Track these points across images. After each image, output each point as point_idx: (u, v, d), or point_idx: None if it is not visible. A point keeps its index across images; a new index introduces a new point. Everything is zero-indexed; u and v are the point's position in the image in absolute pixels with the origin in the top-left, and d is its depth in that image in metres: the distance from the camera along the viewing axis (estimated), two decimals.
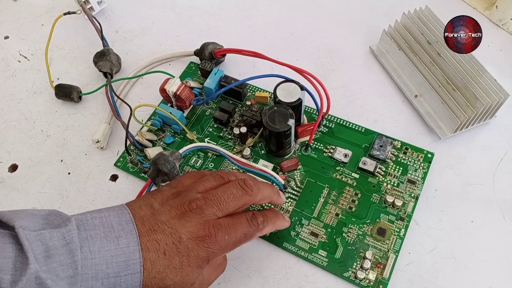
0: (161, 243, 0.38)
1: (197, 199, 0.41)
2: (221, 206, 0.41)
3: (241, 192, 0.43)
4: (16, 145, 0.61)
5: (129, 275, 0.37)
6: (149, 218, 0.39)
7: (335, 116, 0.59)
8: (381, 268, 0.48)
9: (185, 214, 0.40)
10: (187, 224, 0.39)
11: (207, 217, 0.40)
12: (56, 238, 0.35)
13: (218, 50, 0.63)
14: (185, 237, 0.39)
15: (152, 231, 0.39)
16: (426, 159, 0.54)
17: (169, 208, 0.40)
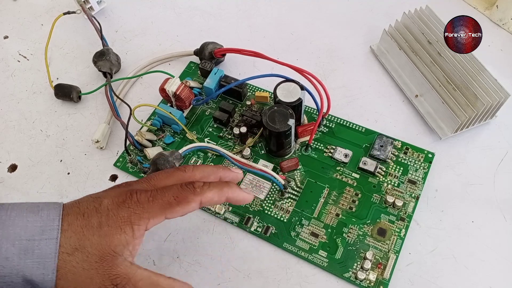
0: (81, 207, 0.37)
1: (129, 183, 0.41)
2: (151, 180, 0.41)
3: (173, 170, 0.42)
4: (16, 145, 0.61)
5: (44, 240, 0.35)
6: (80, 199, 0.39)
7: (335, 116, 0.59)
8: (381, 268, 0.48)
9: (112, 187, 0.40)
10: (111, 192, 0.39)
11: (132, 187, 0.39)
12: None
13: (218, 49, 0.63)
14: (106, 201, 0.38)
15: (77, 202, 0.38)
16: (427, 159, 0.54)
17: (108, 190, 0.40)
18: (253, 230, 0.51)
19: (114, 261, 0.36)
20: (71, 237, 0.36)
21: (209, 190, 0.40)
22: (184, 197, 0.39)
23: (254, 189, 0.54)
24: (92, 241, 0.36)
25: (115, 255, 0.36)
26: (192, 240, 0.52)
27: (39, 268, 0.35)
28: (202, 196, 0.39)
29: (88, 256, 0.36)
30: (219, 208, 0.53)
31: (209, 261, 0.50)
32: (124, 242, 0.37)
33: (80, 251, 0.36)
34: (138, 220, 0.37)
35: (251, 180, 0.54)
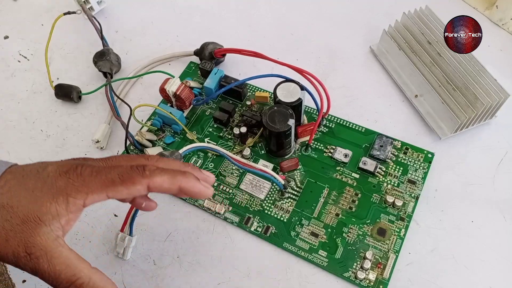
0: (26, 169, 0.36)
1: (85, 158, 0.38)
2: (109, 160, 0.38)
3: (137, 155, 0.40)
4: (16, 145, 0.61)
5: None
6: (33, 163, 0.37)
7: (335, 116, 0.59)
8: (381, 268, 0.48)
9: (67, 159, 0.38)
10: (61, 161, 0.37)
11: (84, 161, 0.37)
12: None
13: (218, 50, 0.63)
14: (50, 168, 0.35)
15: (26, 165, 0.37)
16: (426, 159, 0.54)
17: None
18: (253, 230, 0.52)
19: (37, 229, 0.33)
20: (4, 194, 0.34)
21: (160, 175, 0.37)
22: (130, 177, 0.36)
23: (254, 189, 0.54)
24: (21, 202, 0.34)
25: (40, 223, 0.33)
26: (192, 240, 0.52)
27: None
28: (151, 180, 0.36)
29: (12, 216, 0.33)
30: (219, 208, 0.53)
31: (209, 261, 0.50)
32: (54, 213, 0.34)
33: (6, 209, 0.34)
34: (75, 193, 0.34)
35: (251, 180, 0.54)
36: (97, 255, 0.51)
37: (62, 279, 0.33)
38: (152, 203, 0.42)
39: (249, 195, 0.54)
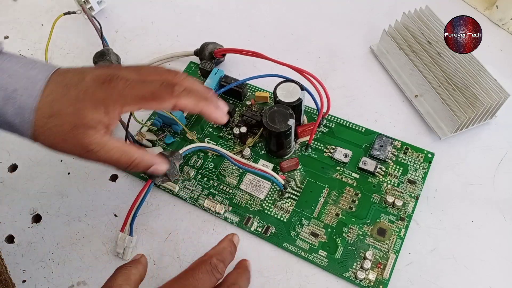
0: (67, 78, 0.40)
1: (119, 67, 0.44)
2: (140, 72, 0.42)
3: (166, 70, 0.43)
4: (16, 145, 0.61)
5: (25, 96, 0.39)
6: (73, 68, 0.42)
7: (335, 116, 0.59)
8: (381, 268, 0.48)
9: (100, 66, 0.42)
10: (96, 70, 0.41)
11: (118, 72, 0.41)
12: None
13: (218, 50, 0.63)
14: (88, 77, 0.40)
15: (67, 71, 0.41)
16: (426, 159, 0.54)
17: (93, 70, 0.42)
18: (253, 230, 0.52)
19: (87, 132, 0.39)
20: (51, 102, 0.39)
21: (186, 97, 0.41)
22: (160, 96, 0.40)
23: (254, 189, 0.54)
24: (67, 111, 0.39)
25: (87, 127, 0.39)
26: (192, 240, 0.52)
27: (18, 117, 0.39)
28: (178, 100, 0.41)
29: (63, 123, 0.39)
30: (219, 208, 0.53)
31: None
32: (97, 119, 0.39)
33: (56, 117, 0.39)
34: (113, 104, 0.39)
35: (251, 180, 0.54)
36: (97, 255, 0.52)
37: (122, 163, 0.42)
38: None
39: (249, 195, 0.54)
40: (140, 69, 0.42)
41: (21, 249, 0.53)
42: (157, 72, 0.42)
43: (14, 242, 0.53)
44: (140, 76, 0.41)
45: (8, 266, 0.52)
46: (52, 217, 0.55)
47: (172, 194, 0.55)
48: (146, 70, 0.42)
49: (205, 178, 0.56)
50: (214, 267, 0.42)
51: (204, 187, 0.55)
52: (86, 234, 0.53)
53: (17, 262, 0.52)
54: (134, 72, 0.41)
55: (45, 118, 0.39)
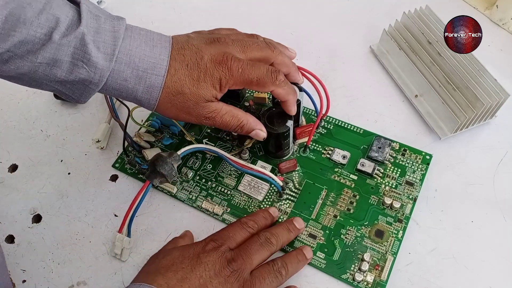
0: (186, 57, 0.46)
1: (227, 37, 0.48)
2: (245, 48, 0.48)
3: (264, 45, 0.50)
4: (16, 145, 0.61)
5: (154, 75, 0.44)
6: (184, 41, 0.47)
7: (333, 118, 0.59)
8: (379, 270, 0.48)
9: (212, 42, 0.47)
10: (211, 49, 0.46)
11: (229, 50, 0.47)
12: (109, 24, 0.43)
13: None
14: (206, 57, 0.46)
15: (182, 48, 0.46)
16: (425, 160, 0.54)
17: (201, 38, 0.48)
18: None
19: (206, 104, 0.47)
20: (176, 82, 0.45)
21: (283, 88, 0.48)
22: (264, 82, 0.47)
23: (253, 190, 0.54)
24: (192, 90, 0.45)
25: (206, 101, 0.46)
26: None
27: (147, 94, 0.45)
28: (276, 89, 0.48)
29: (187, 99, 0.46)
30: (217, 209, 0.53)
31: None
32: (214, 94, 0.46)
33: (182, 94, 0.45)
34: (225, 82, 0.46)
35: (249, 181, 0.54)
36: (97, 255, 0.52)
37: (232, 125, 0.49)
38: None
39: (247, 197, 0.54)
40: (242, 44, 0.48)
41: (21, 249, 0.53)
42: (258, 46, 0.49)
43: (14, 242, 0.53)
44: (245, 51, 0.48)
45: (8, 266, 0.52)
46: (52, 217, 0.55)
47: (171, 195, 0.55)
48: (249, 44, 0.48)
49: (203, 179, 0.56)
50: (244, 223, 0.48)
51: (202, 188, 0.55)
52: (86, 234, 0.53)
53: (17, 262, 0.52)
54: (240, 47, 0.48)
55: (171, 95, 0.45)
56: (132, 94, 0.45)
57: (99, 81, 0.43)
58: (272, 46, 0.50)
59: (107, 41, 0.42)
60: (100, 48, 0.42)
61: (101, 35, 0.42)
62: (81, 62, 0.41)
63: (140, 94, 0.45)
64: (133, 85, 0.44)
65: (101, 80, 0.43)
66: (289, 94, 0.49)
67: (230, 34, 0.50)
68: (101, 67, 0.42)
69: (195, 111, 0.47)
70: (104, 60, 0.42)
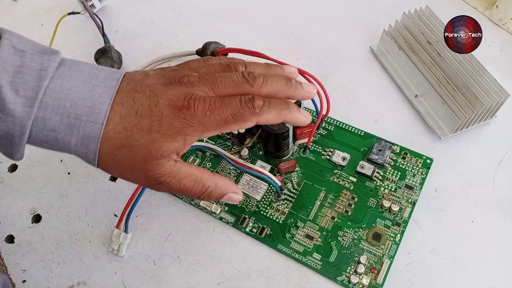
0: (137, 102, 0.37)
1: (191, 75, 0.39)
2: (215, 86, 0.38)
3: (241, 79, 0.39)
4: None
5: (90, 123, 0.35)
6: (137, 80, 0.38)
7: (334, 119, 0.58)
8: (375, 273, 0.48)
9: (171, 83, 0.38)
10: (169, 91, 0.37)
11: (193, 91, 0.37)
12: (36, 61, 0.35)
13: (220, 49, 0.63)
14: (162, 102, 0.37)
15: (134, 90, 0.37)
16: (425, 164, 0.54)
17: (160, 77, 0.39)
18: (248, 231, 0.52)
19: (159, 162, 0.36)
20: (121, 133, 0.36)
21: (268, 112, 0.39)
22: (241, 116, 0.38)
23: (251, 189, 0.54)
24: (140, 143, 0.36)
25: (161, 158, 0.36)
26: (192, 240, 0.52)
27: (82, 146, 0.36)
28: (260, 117, 0.39)
29: (134, 155, 0.36)
30: (214, 207, 0.53)
31: (209, 261, 0.51)
32: (173, 149, 0.37)
33: (127, 148, 0.36)
34: (192, 132, 0.37)
35: (248, 180, 0.54)
36: (97, 255, 0.52)
37: (194, 192, 0.39)
38: None
39: (245, 196, 0.54)
40: (213, 83, 0.39)
41: (21, 249, 0.53)
42: (233, 84, 0.39)
43: (14, 242, 0.54)
44: (216, 90, 0.38)
45: (8, 266, 0.52)
46: (52, 217, 0.55)
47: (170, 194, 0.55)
48: (221, 80, 0.39)
49: None
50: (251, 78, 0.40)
51: None
52: (86, 234, 0.53)
53: (17, 262, 0.52)
54: (209, 86, 0.38)
55: (114, 149, 0.36)
56: (64, 147, 0.36)
57: (21, 132, 0.34)
58: (252, 79, 0.39)
59: (29, 83, 0.34)
60: (20, 92, 0.34)
61: (22, 75, 0.34)
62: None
63: (74, 146, 0.36)
64: (63, 136, 0.36)
65: (23, 132, 0.34)
66: (281, 111, 0.40)
67: (198, 68, 0.41)
68: (20, 115, 0.34)
69: (143, 170, 0.37)
70: (23, 106, 0.34)
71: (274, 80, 0.41)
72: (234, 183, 0.42)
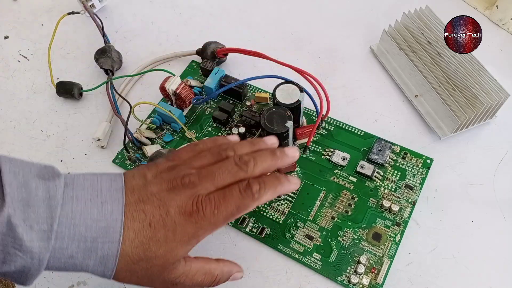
0: (148, 214, 0.37)
1: (191, 174, 0.40)
2: (215, 181, 0.40)
3: (236, 168, 0.41)
4: (16, 145, 0.61)
5: (107, 243, 0.36)
6: (140, 188, 0.39)
7: (334, 119, 0.58)
8: (375, 273, 0.47)
9: (176, 188, 0.39)
10: (176, 197, 0.38)
11: (198, 192, 0.39)
12: (41, 190, 0.35)
13: (220, 49, 0.63)
14: (173, 211, 0.38)
15: (141, 201, 0.38)
16: (425, 164, 0.54)
17: (161, 181, 0.39)
18: (248, 231, 0.52)
19: (175, 265, 0.38)
20: (138, 247, 0.37)
21: (265, 193, 0.41)
22: (246, 206, 0.40)
23: None
24: (158, 254, 0.37)
25: (176, 262, 0.38)
26: None
27: (100, 266, 0.36)
28: (259, 201, 0.40)
29: (152, 266, 0.37)
30: None
31: None
32: (187, 251, 0.39)
33: (145, 261, 0.37)
34: (204, 233, 0.39)
35: None
36: None
37: (205, 284, 0.41)
38: None
39: None
40: (213, 176, 0.40)
41: None
42: (229, 173, 0.41)
43: None
44: (216, 184, 0.40)
45: None
46: None
47: None
48: (219, 174, 0.40)
49: None
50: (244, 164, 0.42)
51: None
52: None
53: None
54: (210, 183, 0.40)
55: (132, 263, 0.37)
56: (82, 269, 0.37)
57: (39, 266, 0.34)
58: (245, 165, 0.41)
59: (41, 215, 0.34)
60: (34, 227, 0.34)
61: (33, 208, 0.34)
62: (13, 249, 0.33)
63: (92, 268, 0.36)
64: (81, 261, 0.36)
65: (41, 264, 0.34)
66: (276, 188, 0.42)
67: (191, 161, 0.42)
68: (37, 250, 0.34)
69: (160, 277, 0.39)
70: (40, 241, 0.34)
71: (262, 158, 0.42)
72: (234, 263, 0.44)
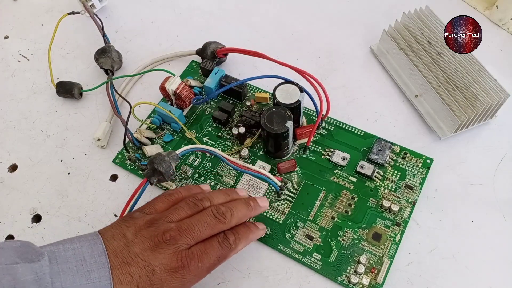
0: (134, 276, 0.39)
1: (171, 230, 0.41)
2: (194, 235, 0.42)
3: (214, 221, 0.43)
4: (16, 145, 0.61)
5: None
6: (122, 250, 0.40)
7: (334, 119, 0.58)
8: (375, 273, 0.47)
9: (158, 246, 0.40)
10: (160, 256, 0.40)
11: (180, 247, 0.41)
12: (28, 273, 0.35)
13: (220, 49, 0.63)
14: (158, 270, 0.39)
15: (126, 264, 0.39)
16: (425, 164, 0.54)
17: (142, 240, 0.41)
18: None
19: None
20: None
21: (240, 243, 0.44)
22: (224, 256, 0.43)
23: (251, 189, 0.54)
24: None
25: None
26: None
27: None
28: (235, 250, 0.44)
29: None
30: None
31: None
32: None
33: None
34: (190, 285, 0.42)
35: (248, 180, 0.54)
36: None
37: None
38: None
39: None
40: (192, 230, 0.42)
41: None
42: (208, 225, 0.43)
43: None
44: (197, 237, 0.42)
45: None
46: (52, 217, 0.55)
47: None
48: (198, 227, 0.42)
49: (202, 177, 0.56)
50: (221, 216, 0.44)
51: None
52: None
53: None
54: (190, 237, 0.42)
55: None
56: None
57: None
58: (222, 216, 0.44)
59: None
60: None
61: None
62: None
63: None
64: None
65: None
66: (248, 239, 0.46)
67: (169, 214, 0.43)
68: None
69: None
70: None
71: (237, 208, 0.45)
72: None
